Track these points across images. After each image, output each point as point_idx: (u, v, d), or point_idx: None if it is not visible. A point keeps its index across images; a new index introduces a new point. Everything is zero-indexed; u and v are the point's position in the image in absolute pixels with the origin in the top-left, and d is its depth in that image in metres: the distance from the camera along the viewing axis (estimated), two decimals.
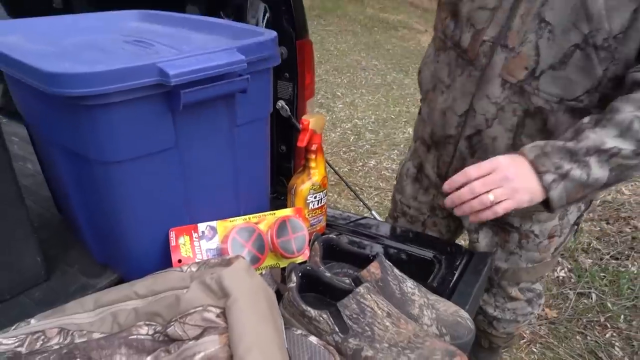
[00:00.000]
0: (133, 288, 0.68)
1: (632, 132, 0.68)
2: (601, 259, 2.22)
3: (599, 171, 0.70)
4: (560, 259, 2.23)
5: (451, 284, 0.85)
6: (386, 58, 5.16)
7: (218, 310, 0.58)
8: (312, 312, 0.66)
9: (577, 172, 0.70)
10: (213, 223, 0.82)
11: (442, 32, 0.93)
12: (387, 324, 0.64)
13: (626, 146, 0.69)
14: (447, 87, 0.93)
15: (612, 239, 2.34)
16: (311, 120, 0.89)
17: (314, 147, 0.92)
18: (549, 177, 0.70)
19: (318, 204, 0.96)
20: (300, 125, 0.89)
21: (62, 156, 0.76)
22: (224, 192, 0.84)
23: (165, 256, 0.78)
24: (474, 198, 0.71)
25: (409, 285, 0.74)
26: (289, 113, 1.08)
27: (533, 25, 0.77)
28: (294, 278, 0.71)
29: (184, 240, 0.79)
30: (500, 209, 0.70)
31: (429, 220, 1.20)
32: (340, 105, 3.95)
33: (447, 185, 0.74)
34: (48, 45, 0.83)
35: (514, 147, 0.87)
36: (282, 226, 0.86)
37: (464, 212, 0.73)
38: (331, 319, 0.65)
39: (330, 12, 7.07)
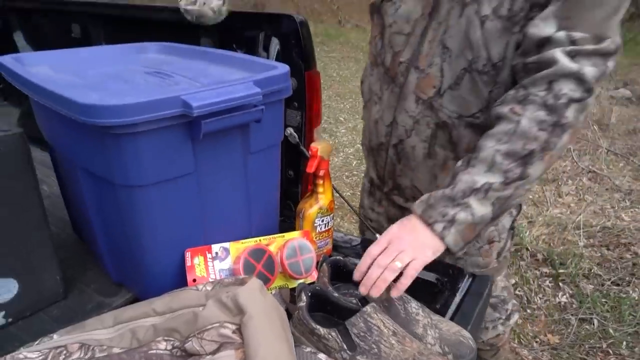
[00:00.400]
0: (151, 305, 0.72)
1: (496, 165, 0.73)
2: (602, 285, 2.23)
3: (481, 208, 0.74)
4: (561, 284, 2.25)
5: (454, 305, 0.88)
6: None
7: (234, 327, 0.62)
8: (321, 330, 0.70)
9: (461, 215, 0.73)
10: (226, 244, 0.86)
11: (374, 49, 1.05)
12: (393, 342, 0.67)
13: (495, 179, 0.73)
14: (379, 99, 1.04)
15: (613, 264, 2.36)
16: (319, 147, 0.94)
17: (321, 173, 0.97)
18: (439, 226, 0.74)
19: (325, 227, 1.00)
20: (309, 152, 0.94)
21: (85, 180, 0.81)
22: (237, 214, 0.88)
23: (180, 275, 0.82)
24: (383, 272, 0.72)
25: (413, 305, 0.77)
26: (297, 140, 1.13)
27: (438, 50, 0.89)
28: (303, 297, 0.74)
29: (198, 260, 0.83)
30: (411, 271, 0.72)
31: None
32: (343, 130, 4.02)
33: (356, 273, 0.75)
34: (75, 76, 0.89)
35: (429, 156, 0.99)
36: (290, 248, 0.90)
37: (380, 289, 0.71)
38: (340, 336, 0.68)
39: (333, 39, 7.25)
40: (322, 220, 0.99)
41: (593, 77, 0.71)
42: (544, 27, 0.73)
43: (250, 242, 0.89)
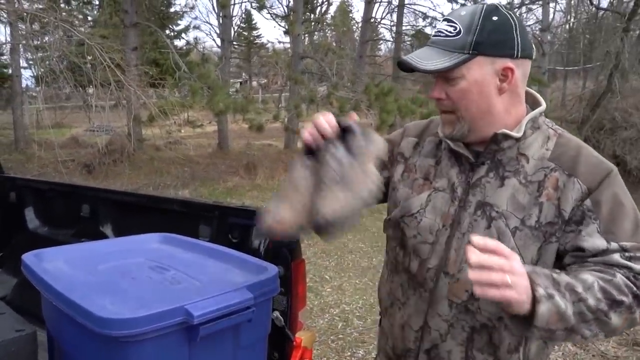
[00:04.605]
0: None
1: (592, 290, 0.79)
2: None
3: (570, 308, 0.76)
4: None
5: None
6: (372, 240, 5.48)
7: None
8: None
9: (558, 299, 0.76)
10: None
11: (394, 258, 1.06)
12: None
13: (588, 297, 0.78)
14: (403, 304, 1.03)
15: None
16: (303, 337, 1.02)
17: None
18: (541, 291, 0.75)
19: None
20: (294, 343, 1.02)
21: None
22: None
23: None
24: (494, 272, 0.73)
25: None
26: (283, 323, 1.22)
27: (465, 257, 0.89)
28: None
29: None
30: (507, 294, 0.73)
31: None
32: (329, 290, 4.07)
33: (480, 241, 0.75)
34: (87, 273, 1.01)
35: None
36: None
37: (480, 278, 0.74)
38: None
39: None
40: None
41: None
42: (595, 240, 0.85)
43: None
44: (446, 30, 0.91)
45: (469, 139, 0.95)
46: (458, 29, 0.89)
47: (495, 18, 0.88)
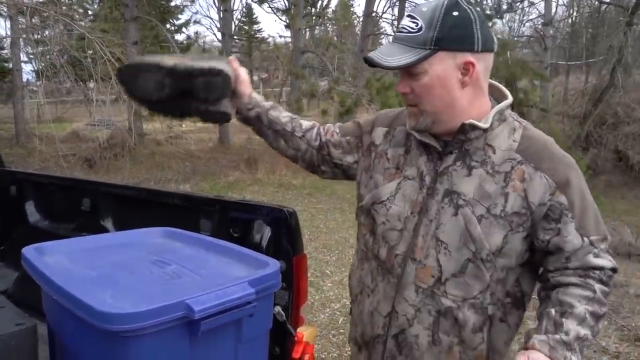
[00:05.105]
0: None
1: (586, 322, 0.89)
2: None
3: (580, 355, 0.88)
4: None
5: None
6: None
7: None
8: None
9: (575, 359, 0.87)
10: None
11: (364, 245, 1.10)
12: None
13: (586, 332, 0.88)
14: (372, 290, 1.07)
15: None
16: (305, 333, 1.02)
17: (306, 357, 1.03)
18: None
19: None
20: (296, 338, 1.01)
21: None
22: None
23: None
24: None
25: None
26: (285, 318, 1.21)
27: (432, 243, 0.97)
28: None
29: None
30: None
31: None
32: (329, 284, 4.07)
33: None
34: (87, 267, 1.00)
35: (434, 343, 1.00)
36: None
37: None
38: None
39: (320, 190, 7.69)
40: None
41: (612, 261, 0.96)
42: (573, 240, 0.93)
43: None
44: (409, 27, 0.94)
45: (434, 130, 0.98)
46: (420, 25, 0.92)
47: (455, 13, 0.91)
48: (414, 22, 0.93)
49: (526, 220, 0.94)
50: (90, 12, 14.88)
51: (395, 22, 11.88)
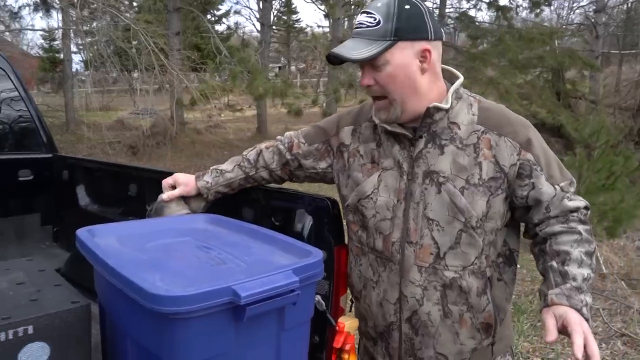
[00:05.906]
0: None
1: (584, 262, 0.99)
2: None
3: (589, 292, 0.96)
4: None
5: None
6: None
7: None
8: None
9: (588, 298, 0.95)
10: None
11: (358, 242, 1.15)
12: None
13: (588, 271, 0.98)
14: (376, 282, 1.10)
15: None
16: (346, 323, 1.02)
17: (347, 347, 1.03)
18: (585, 310, 0.93)
19: None
20: (337, 328, 1.01)
21: (133, 349, 0.89)
22: None
23: None
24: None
25: None
26: (325, 308, 1.21)
27: (424, 223, 1.03)
28: None
29: None
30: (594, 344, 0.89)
31: None
32: None
33: (579, 351, 0.86)
34: (137, 250, 1.03)
35: (446, 316, 1.05)
36: None
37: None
38: None
39: None
40: None
41: (583, 200, 1.06)
42: (547, 189, 1.02)
43: None
44: (367, 22, 0.99)
45: (403, 119, 1.05)
46: (377, 19, 0.98)
47: (407, 7, 0.98)
48: (371, 17, 0.99)
49: (502, 182, 1.01)
50: (135, 4, 15.31)
51: (437, 10, 11.60)
